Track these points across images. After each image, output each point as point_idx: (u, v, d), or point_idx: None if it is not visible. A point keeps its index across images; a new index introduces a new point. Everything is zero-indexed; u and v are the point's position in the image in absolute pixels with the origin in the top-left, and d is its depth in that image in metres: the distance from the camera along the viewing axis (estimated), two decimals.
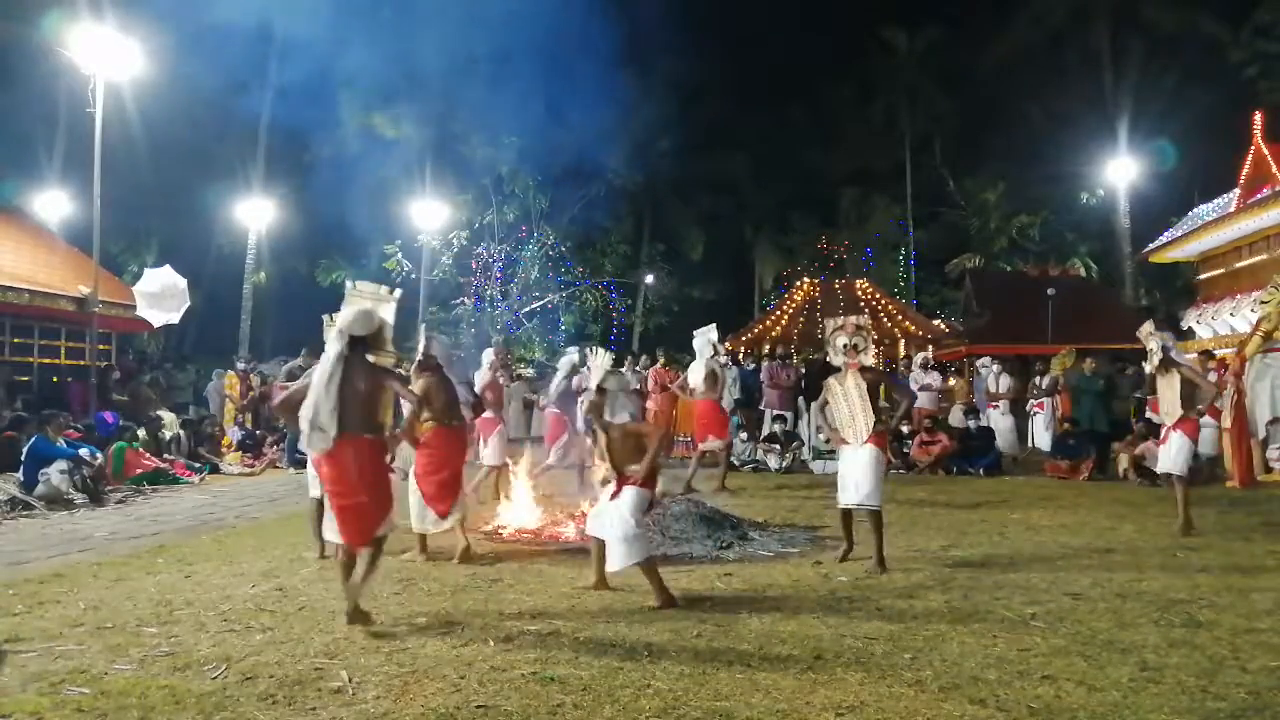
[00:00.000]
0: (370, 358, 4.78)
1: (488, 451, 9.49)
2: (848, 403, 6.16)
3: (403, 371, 8.24)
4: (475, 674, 3.88)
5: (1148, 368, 7.92)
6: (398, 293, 5.24)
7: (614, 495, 5.22)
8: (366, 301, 5.03)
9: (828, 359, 6.69)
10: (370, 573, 4.70)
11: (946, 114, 37.20)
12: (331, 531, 4.80)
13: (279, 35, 25.33)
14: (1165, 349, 7.55)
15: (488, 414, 9.62)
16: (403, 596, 5.32)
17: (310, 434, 4.55)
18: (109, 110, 14.08)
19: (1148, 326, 7.86)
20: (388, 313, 5.00)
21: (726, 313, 35.97)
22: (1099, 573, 5.92)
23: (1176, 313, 21.23)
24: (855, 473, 6.15)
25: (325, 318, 6.01)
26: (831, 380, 6.36)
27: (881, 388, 6.52)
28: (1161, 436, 8.04)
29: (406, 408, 5.58)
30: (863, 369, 6.22)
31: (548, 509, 8.15)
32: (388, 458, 4.88)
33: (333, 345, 4.70)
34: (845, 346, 6.28)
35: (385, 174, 25.86)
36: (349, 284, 5.23)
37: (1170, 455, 7.67)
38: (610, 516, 5.14)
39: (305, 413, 4.55)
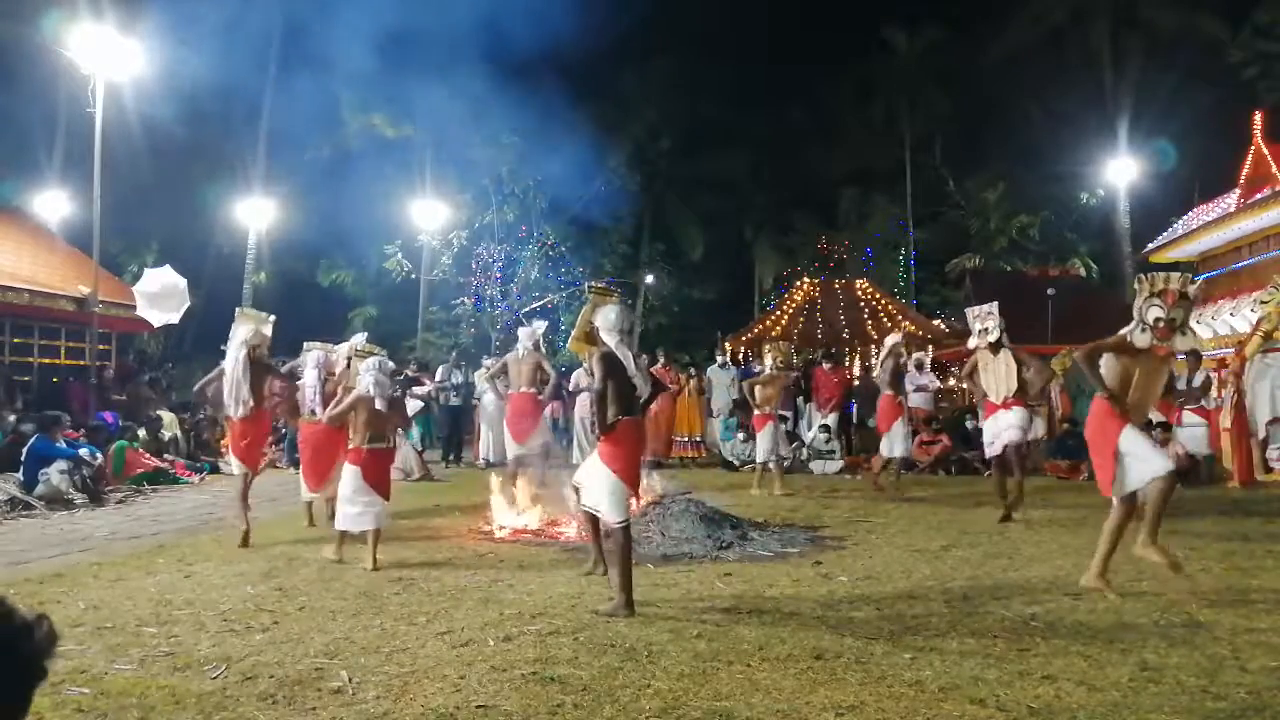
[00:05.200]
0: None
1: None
2: None
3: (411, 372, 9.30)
4: (475, 674, 3.88)
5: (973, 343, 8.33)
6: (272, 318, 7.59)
7: None
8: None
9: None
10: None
11: (946, 114, 37.13)
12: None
13: (279, 35, 25.36)
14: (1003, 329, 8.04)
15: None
16: (403, 597, 5.32)
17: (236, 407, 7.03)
18: (109, 110, 14.08)
19: (985, 307, 8.22)
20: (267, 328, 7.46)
21: (726, 313, 35.95)
22: None
23: None
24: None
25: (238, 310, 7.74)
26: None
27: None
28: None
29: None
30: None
31: (547, 509, 8.14)
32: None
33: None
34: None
35: (385, 173, 25.84)
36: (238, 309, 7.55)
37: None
38: None
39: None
